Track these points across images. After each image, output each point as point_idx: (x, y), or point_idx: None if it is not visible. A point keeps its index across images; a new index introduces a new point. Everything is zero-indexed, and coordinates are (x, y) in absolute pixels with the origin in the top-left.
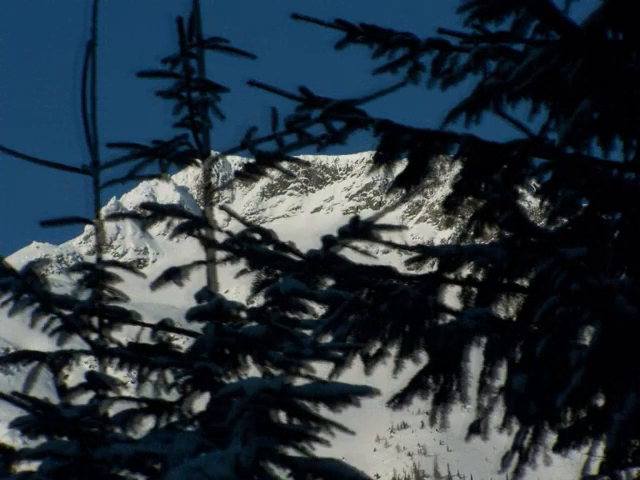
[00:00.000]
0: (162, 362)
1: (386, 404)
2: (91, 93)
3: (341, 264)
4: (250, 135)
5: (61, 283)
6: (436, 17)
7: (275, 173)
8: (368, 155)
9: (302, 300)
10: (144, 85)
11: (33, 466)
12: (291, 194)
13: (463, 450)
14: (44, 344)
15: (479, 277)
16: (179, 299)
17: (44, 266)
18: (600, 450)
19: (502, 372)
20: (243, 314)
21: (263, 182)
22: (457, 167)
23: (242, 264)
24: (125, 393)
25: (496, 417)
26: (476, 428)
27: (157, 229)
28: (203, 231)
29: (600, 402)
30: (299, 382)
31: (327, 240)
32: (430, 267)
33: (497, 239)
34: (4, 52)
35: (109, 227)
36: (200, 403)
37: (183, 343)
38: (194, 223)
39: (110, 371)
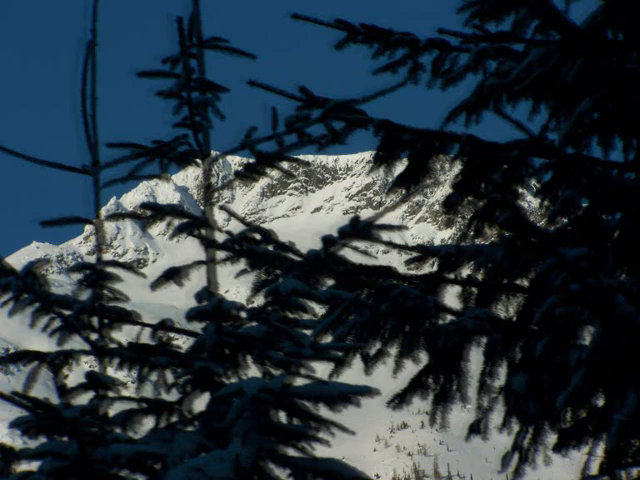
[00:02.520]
0: (162, 362)
1: (386, 404)
2: (91, 93)
3: (341, 264)
4: (250, 135)
5: (61, 283)
6: (436, 17)
7: (275, 173)
8: (368, 155)
9: (302, 300)
10: (144, 85)
11: (33, 466)
12: (291, 194)
13: (463, 450)
14: (44, 344)
15: (479, 277)
16: (179, 299)
17: (44, 266)
18: (600, 450)
19: (502, 372)
20: (243, 314)
21: (263, 182)
22: (457, 167)
23: (242, 264)
24: (125, 393)
25: (496, 417)
26: (476, 428)
27: (157, 229)
28: (203, 231)
29: (600, 402)
30: (299, 382)
31: (327, 240)
32: (430, 267)
33: (497, 239)
34: (4, 52)
35: (109, 227)
36: (200, 403)
37: (183, 343)
38: (194, 223)
39: (110, 371)
